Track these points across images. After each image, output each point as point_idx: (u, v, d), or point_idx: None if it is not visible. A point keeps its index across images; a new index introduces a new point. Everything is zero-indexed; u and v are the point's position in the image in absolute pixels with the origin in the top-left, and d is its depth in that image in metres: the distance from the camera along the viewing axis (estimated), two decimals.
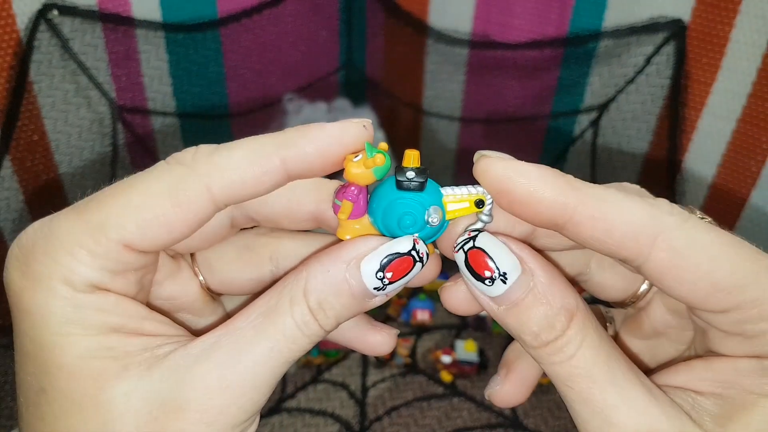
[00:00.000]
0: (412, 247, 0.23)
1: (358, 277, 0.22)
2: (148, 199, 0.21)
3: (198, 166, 0.21)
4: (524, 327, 0.22)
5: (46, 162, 0.61)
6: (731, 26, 0.56)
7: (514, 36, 0.68)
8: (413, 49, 0.74)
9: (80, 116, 0.62)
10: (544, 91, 0.70)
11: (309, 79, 0.78)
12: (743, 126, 0.59)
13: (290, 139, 0.22)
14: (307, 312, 0.22)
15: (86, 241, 0.21)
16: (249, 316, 0.23)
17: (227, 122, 0.74)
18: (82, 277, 0.21)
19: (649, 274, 0.22)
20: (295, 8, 0.71)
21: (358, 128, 0.23)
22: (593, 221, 0.21)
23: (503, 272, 0.22)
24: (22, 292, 0.21)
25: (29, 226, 0.22)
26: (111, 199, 0.21)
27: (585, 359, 0.21)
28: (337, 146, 0.22)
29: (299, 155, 0.22)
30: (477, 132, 0.77)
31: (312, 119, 0.72)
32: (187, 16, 0.65)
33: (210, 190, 0.21)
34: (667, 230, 0.21)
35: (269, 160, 0.22)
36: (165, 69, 0.66)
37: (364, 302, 0.23)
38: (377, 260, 0.22)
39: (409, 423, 0.59)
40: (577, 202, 0.21)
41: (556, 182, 0.21)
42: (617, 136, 0.69)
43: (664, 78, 0.62)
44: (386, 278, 0.22)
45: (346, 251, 0.23)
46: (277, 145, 0.22)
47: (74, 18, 0.58)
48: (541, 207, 0.21)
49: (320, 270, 0.23)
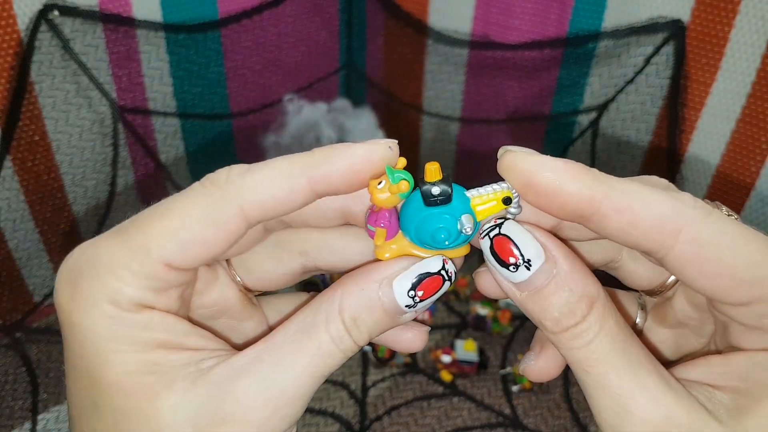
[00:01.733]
0: (441, 267, 0.24)
1: (390, 295, 0.24)
2: (186, 221, 0.22)
3: (231, 188, 0.23)
4: (546, 312, 0.23)
5: (46, 162, 0.61)
6: (731, 27, 0.56)
7: (513, 36, 0.68)
8: (413, 49, 0.74)
9: (81, 116, 0.62)
10: (543, 92, 0.71)
11: (309, 79, 0.78)
12: (743, 126, 0.59)
13: (318, 160, 0.23)
14: (342, 328, 0.23)
15: (130, 262, 0.22)
16: (287, 332, 0.24)
17: (228, 122, 0.74)
18: (129, 297, 0.22)
19: (671, 266, 0.22)
20: (295, 9, 0.72)
21: (385, 149, 0.23)
22: (619, 214, 0.21)
23: (527, 259, 0.23)
24: (71, 312, 0.22)
25: (75, 250, 0.23)
26: (151, 222, 0.23)
27: (603, 345, 0.22)
28: (363, 167, 0.23)
29: (326, 176, 0.23)
30: (477, 132, 0.77)
31: (312, 119, 0.72)
32: (188, 17, 0.65)
33: (243, 210, 0.23)
34: (691, 223, 0.21)
35: (297, 181, 0.23)
36: (166, 69, 0.66)
37: (396, 318, 0.24)
38: (409, 280, 0.24)
39: (409, 422, 0.59)
40: (603, 195, 0.22)
41: (583, 175, 0.22)
42: (617, 137, 0.69)
43: (664, 78, 0.63)
44: (417, 296, 0.24)
45: (378, 271, 0.24)
46: (305, 166, 0.23)
47: (75, 18, 0.58)
48: (568, 200, 0.22)
49: (354, 289, 0.24)
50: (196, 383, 0.23)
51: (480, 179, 0.25)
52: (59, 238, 0.65)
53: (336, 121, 0.72)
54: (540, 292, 0.23)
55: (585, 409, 0.60)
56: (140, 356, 0.22)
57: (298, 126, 0.71)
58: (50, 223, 0.63)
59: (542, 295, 0.23)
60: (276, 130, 0.72)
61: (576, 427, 0.59)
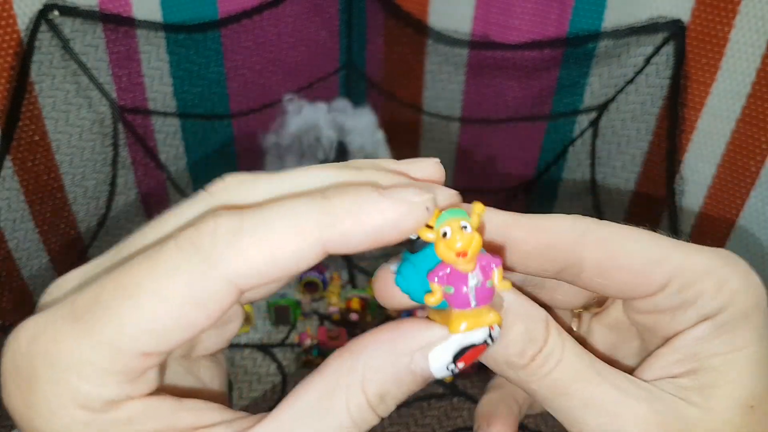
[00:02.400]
0: (488, 335, 0.21)
1: (425, 369, 0.20)
2: (163, 305, 0.18)
3: (219, 255, 0.18)
4: (509, 349, 0.21)
5: (46, 162, 0.61)
6: (731, 27, 0.56)
7: (513, 36, 0.68)
8: (413, 49, 0.74)
9: (81, 116, 0.62)
10: (543, 92, 0.70)
11: (309, 79, 0.78)
12: (742, 126, 0.59)
13: (335, 217, 0.18)
14: (366, 408, 0.20)
15: (99, 361, 0.18)
16: (298, 411, 0.20)
17: (228, 122, 0.74)
18: (101, 398, 0.19)
19: (588, 273, 0.22)
20: (295, 9, 0.72)
21: (420, 214, 0.19)
22: (532, 233, 0.22)
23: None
24: (32, 421, 0.19)
25: (19, 337, 0.19)
26: (119, 309, 0.18)
27: (572, 362, 0.21)
28: (390, 232, 0.19)
29: (344, 238, 0.18)
30: (477, 132, 0.77)
31: (312, 119, 0.72)
32: (188, 17, 0.65)
33: (233, 284, 0.18)
34: (591, 227, 0.22)
35: (307, 243, 0.18)
36: (165, 69, 0.66)
37: (427, 382, 0.21)
38: (450, 352, 0.20)
39: (409, 423, 0.59)
40: (514, 223, 0.22)
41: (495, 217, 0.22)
42: (617, 137, 0.69)
43: (664, 78, 0.63)
44: (458, 368, 0.20)
45: (411, 341, 0.20)
46: (318, 223, 0.18)
47: (75, 18, 0.58)
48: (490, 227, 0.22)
49: (381, 360, 0.20)
50: None
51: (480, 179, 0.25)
52: (59, 238, 0.65)
53: (336, 121, 0.72)
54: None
55: None
56: None
57: (298, 126, 0.71)
58: (50, 223, 0.63)
59: (501, 333, 0.21)
60: (276, 130, 0.72)
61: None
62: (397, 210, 0.19)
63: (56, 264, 0.66)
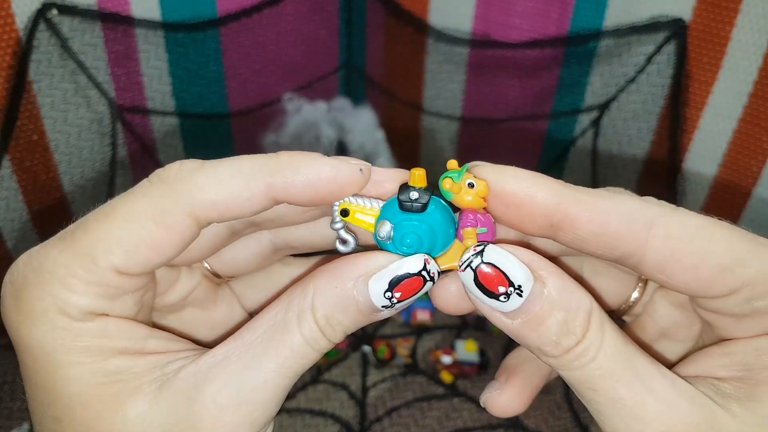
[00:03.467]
0: (422, 268, 0.22)
1: (365, 294, 0.22)
2: (132, 223, 0.21)
3: (180, 184, 0.21)
4: (543, 338, 0.21)
5: (45, 162, 0.61)
6: (732, 25, 0.56)
7: (514, 35, 0.68)
8: (413, 48, 0.74)
9: (80, 116, 0.62)
10: (544, 91, 0.70)
11: (309, 78, 0.77)
12: (744, 125, 0.59)
13: (279, 166, 0.22)
14: (315, 328, 0.22)
15: (77, 270, 0.21)
16: (257, 331, 0.22)
17: (227, 122, 0.74)
18: (78, 306, 0.21)
19: (649, 267, 0.21)
20: (295, 7, 0.71)
21: (352, 172, 0.22)
22: (589, 215, 0.21)
23: (518, 285, 0.21)
24: (20, 327, 0.21)
25: (18, 259, 0.22)
26: (96, 225, 0.21)
27: (607, 359, 0.21)
28: (327, 186, 0.22)
29: (286, 186, 0.22)
30: (477, 131, 0.77)
31: (312, 118, 0.72)
32: (187, 16, 0.65)
33: (192, 211, 0.21)
34: (660, 217, 0.21)
35: (254, 184, 0.21)
36: (164, 68, 0.66)
37: (372, 315, 0.23)
38: (386, 280, 0.22)
39: (409, 423, 0.59)
40: (571, 199, 0.21)
41: (548, 183, 0.22)
42: (618, 136, 0.68)
43: (665, 77, 0.62)
44: (395, 297, 0.22)
45: (353, 268, 0.22)
46: (264, 171, 0.22)
47: (73, 17, 0.58)
48: (536, 208, 0.21)
49: (327, 286, 0.22)
50: (162, 389, 0.21)
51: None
52: None
53: (336, 121, 0.72)
54: (534, 317, 0.21)
55: (586, 409, 0.60)
56: (99, 366, 0.21)
57: (298, 125, 0.71)
58: (48, 222, 0.63)
59: (537, 320, 0.21)
60: (275, 129, 0.72)
61: (577, 427, 0.59)
62: (331, 166, 0.22)
63: None
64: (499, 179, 0.22)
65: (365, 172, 0.22)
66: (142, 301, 0.23)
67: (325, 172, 0.22)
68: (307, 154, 0.22)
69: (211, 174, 0.21)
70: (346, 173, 0.22)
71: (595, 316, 0.21)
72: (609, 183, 0.71)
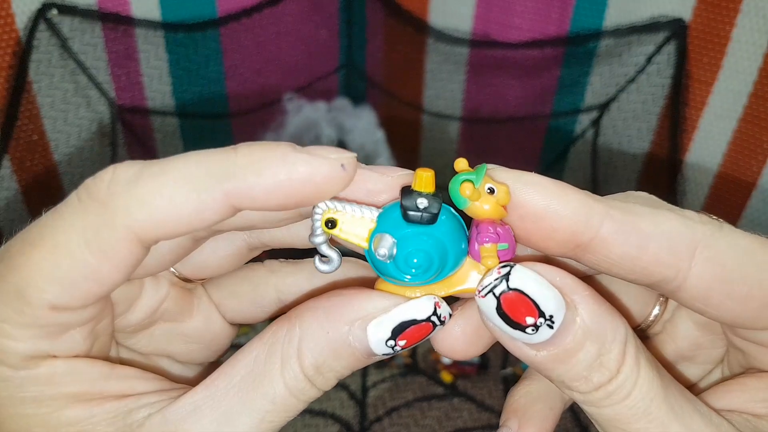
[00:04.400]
0: (432, 312, 0.19)
1: (363, 341, 0.19)
2: (62, 253, 0.18)
3: (115, 201, 0.17)
4: (572, 372, 0.18)
5: (45, 161, 0.61)
6: (732, 25, 0.56)
7: (514, 35, 0.68)
8: (413, 48, 0.74)
9: (80, 116, 0.62)
10: (544, 91, 0.70)
11: (309, 78, 0.77)
12: (744, 125, 0.59)
13: (237, 167, 0.17)
14: (301, 378, 0.19)
15: (8, 313, 0.18)
16: (233, 378, 0.19)
17: (227, 122, 0.74)
18: (17, 353, 0.18)
19: (689, 295, 0.18)
20: (294, 7, 0.71)
21: (332, 169, 0.18)
22: (624, 236, 0.18)
23: (549, 315, 0.18)
24: None
25: None
26: (21, 260, 0.18)
27: (642, 397, 0.18)
28: (301, 188, 0.18)
29: (249, 191, 0.17)
30: (477, 131, 0.77)
31: (312, 118, 0.72)
32: (187, 15, 0.65)
33: (133, 232, 0.17)
34: (705, 239, 0.18)
35: (207, 195, 0.17)
36: (164, 68, 0.66)
37: (369, 359, 0.20)
38: (388, 327, 0.19)
39: (409, 423, 0.59)
40: (604, 216, 0.18)
41: (576, 195, 0.18)
42: (618, 136, 0.68)
43: (665, 77, 0.62)
44: (398, 345, 0.19)
45: (349, 310, 0.19)
46: (221, 175, 0.17)
47: (73, 17, 0.58)
48: (561, 224, 0.18)
49: (318, 330, 0.19)
50: None
51: None
52: None
53: (336, 121, 0.72)
54: (564, 350, 0.18)
55: None
56: (51, 418, 0.18)
57: (298, 125, 0.71)
58: None
59: (567, 353, 0.18)
60: (275, 129, 0.72)
61: (577, 427, 0.59)
62: (307, 164, 0.17)
63: None
64: (517, 187, 0.18)
65: (348, 168, 0.18)
66: (96, 332, 0.20)
67: (297, 172, 0.17)
68: (271, 147, 0.18)
69: (152, 186, 0.17)
70: (323, 171, 0.17)
71: (630, 346, 0.18)
72: (609, 183, 0.71)
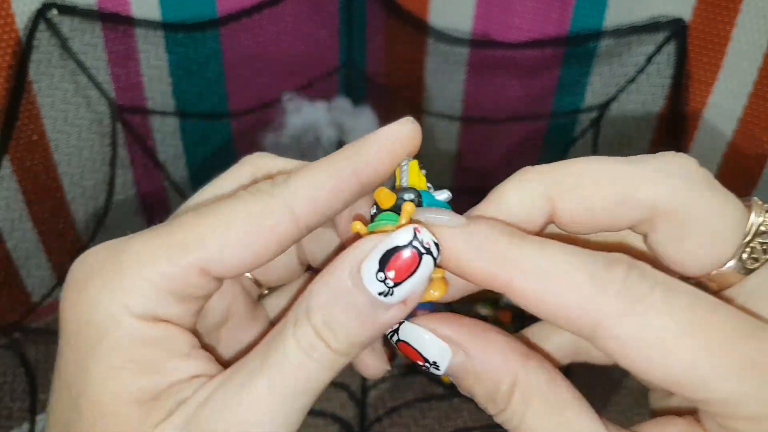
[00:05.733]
0: (413, 237, 0.19)
1: (359, 282, 0.20)
2: (232, 221, 0.20)
3: (278, 190, 0.21)
4: (474, 398, 0.22)
5: (45, 162, 0.61)
6: (732, 25, 0.56)
7: (514, 35, 0.68)
8: (414, 48, 0.74)
9: (80, 116, 0.62)
10: (544, 91, 0.70)
11: (309, 78, 0.77)
12: (744, 125, 0.59)
13: (354, 151, 0.23)
14: (311, 333, 0.20)
15: (160, 260, 0.20)
16: (258, 348, 0.21)
17: (227, 121, 0.74)
18: (145, 303, 0.20)
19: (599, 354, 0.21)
20: (295, 7, 0.71)
21: (410, 126, 0.25)
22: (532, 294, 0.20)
23: (432, 361, 0.21)
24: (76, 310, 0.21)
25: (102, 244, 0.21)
26: (194, 221, 0.21)
27: (532, 428, 0.20)
28: (399, 144, 0.24)
29: (368, 162, 0.22)
30: (477, 131, 0.77)
31: (312, 118, 0.72)
32: (187, 16, 0.65)
33: (293, 211, 0.21)
34: (607, 318, 0.18)
35: (343, 172, 0.22)
36: (164, 68, 0.66)
37: (377, 317, 0.20)
38: (375, 259, 0.19)
39: (409, 423, 0.59)
40: (507, 277, 0.20)
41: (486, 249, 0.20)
42: (618, 136, 0.68)
43: (665, 77, 0.62)
44: (389, 279, 0.19)
45: (346, 257, 0.20)
46: (346, 159, 0.22)
47: (73, 17, 0.58)
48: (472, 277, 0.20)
49: (322, 284, 0.20)
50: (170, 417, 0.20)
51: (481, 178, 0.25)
52: (57, 238, 0.64)
53: (336, 121, 0.72)
54: (461, 382, 0.21)
55: None
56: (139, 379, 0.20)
57: (298, 125, 0.71)
58: (48, 222, 0.63)
59: (463, 384, 0.21)
60: (275, 129, 0.72)
61: None
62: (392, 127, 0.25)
63: (54, 264, 0.65)
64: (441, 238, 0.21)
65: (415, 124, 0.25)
66: (197, 312, 0.22)
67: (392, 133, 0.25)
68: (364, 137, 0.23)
69: (304, 175, 0.22)
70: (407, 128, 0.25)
71: (519, 387, 0.20)
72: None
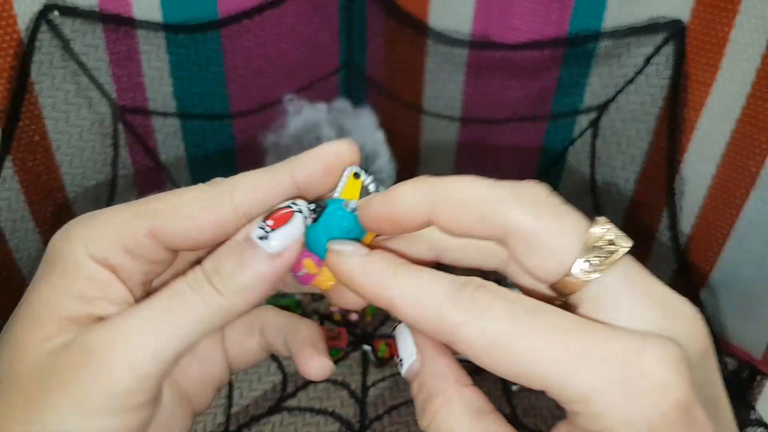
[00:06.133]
0: (292, 201, 0.26)
1: (245, 232, 0.25)
2: (182, 201, 0.26)
3: (225, 182, 0.26)
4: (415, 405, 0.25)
5: (47, 162, 0.61)
6: (731, 27, 0.56)
7: (513, 36, 0.68)
8: (413, 49, 0.74)
9: (81, 117, 0.62)
10: (543, 92, 0.71)
11: (309, 79, 0.78)
12: (742, 126, 0.59)
13: (296, 156, 0.27)
14: (200, 275, 0.25)
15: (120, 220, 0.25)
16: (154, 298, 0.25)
17: (228, 122, 0.74)
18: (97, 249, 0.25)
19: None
20: (295, 9, 0.72)
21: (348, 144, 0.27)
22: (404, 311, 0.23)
23: (401, 358, 0.26)
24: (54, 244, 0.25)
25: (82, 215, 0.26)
26: (155, 198, 0.26)
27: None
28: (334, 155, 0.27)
29: (304, 163, 0.27)
30: (477, 132, 0.77)
31: (312, 119, 0.72)
32: (188, 17, 0.65)
33: (231, 195, 0.26)
34: (458, 327, 0.22)
35: (280, 172, 0.26)
36: (166, 69, 0.66)
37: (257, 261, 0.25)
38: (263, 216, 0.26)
39: (409, 422, 0.59)
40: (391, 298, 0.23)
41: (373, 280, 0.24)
42: (617, 137, 0.69)
43: (664, 78, 0.63)
44: (267, 225, 0.25)
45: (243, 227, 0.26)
46: (286, 161, 0.27)
47: (75, 19, 0.58)
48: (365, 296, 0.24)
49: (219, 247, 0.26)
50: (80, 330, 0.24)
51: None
52: None
53: (336, 121, 0.72)
54: (411, 386, 0.25)
55: None
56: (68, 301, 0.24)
57: (298, 126, 0.71)
58: (50, 223, 0.63)
59: (412, 390, 0.25)
60: (276, 130, 0.72)
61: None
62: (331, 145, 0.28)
63: None
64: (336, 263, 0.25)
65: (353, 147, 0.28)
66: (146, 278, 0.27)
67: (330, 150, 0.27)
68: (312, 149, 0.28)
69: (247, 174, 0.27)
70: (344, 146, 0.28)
71: (447, 407, 0.24)
72: (607, 183, 0.71)
